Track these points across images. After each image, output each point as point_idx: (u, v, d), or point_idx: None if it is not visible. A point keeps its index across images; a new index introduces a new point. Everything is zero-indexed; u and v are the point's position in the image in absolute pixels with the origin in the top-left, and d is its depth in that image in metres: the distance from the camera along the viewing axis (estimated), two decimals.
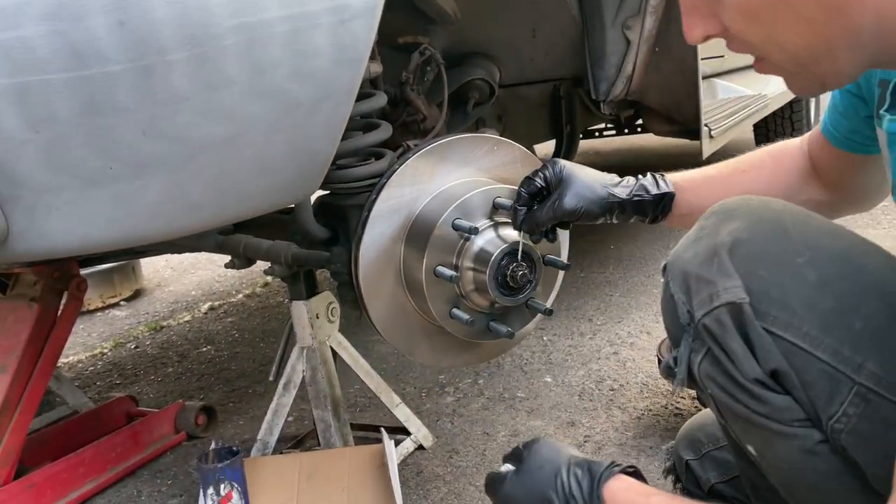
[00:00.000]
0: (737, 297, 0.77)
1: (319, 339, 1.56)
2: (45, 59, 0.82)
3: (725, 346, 0.78)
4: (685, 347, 0.83)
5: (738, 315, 0.77)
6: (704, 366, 0.81)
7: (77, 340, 3.01)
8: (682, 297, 0.83)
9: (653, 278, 2.83)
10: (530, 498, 0.90)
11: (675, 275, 0.84)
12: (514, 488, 0.92)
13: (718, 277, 0.79)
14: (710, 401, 0.84)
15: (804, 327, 0.76)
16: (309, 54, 0.98)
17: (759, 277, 0.78)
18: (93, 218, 0.92)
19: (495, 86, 2.08)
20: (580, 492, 0.87)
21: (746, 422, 0.80)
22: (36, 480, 1.58)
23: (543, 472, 0.90)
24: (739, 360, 0.78)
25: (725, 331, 0.78)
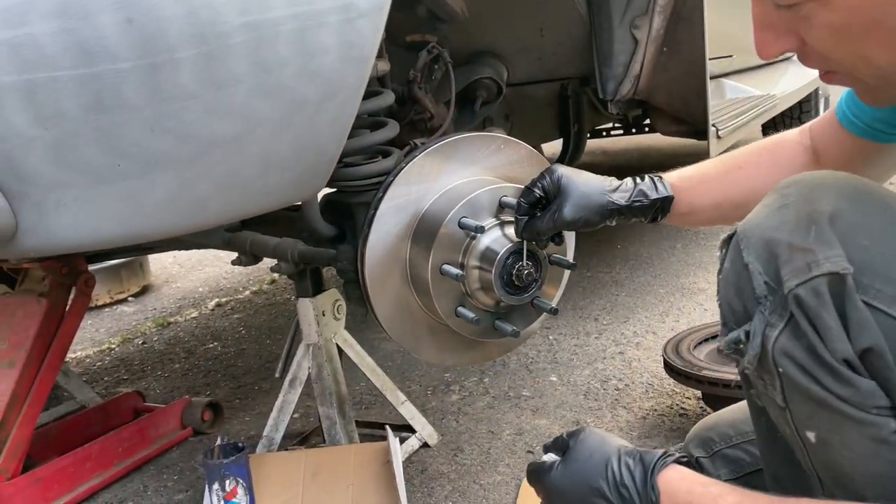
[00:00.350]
0: (840, 267, 0.72)
1: (325, 337, 1.56)
2: (53, 56, 0.83)
3: (817, 321, 0.73)
4: (759, 321, 0.77)
5: (839, 287, 0.72)
6: (782, 341, 0.75)
7: (85, 336, 3.02)
8: (761, 268, 0.77)
9: (659, 278, 2.83)
10: (579, 488, 0.88)
11: (753, 243, 0.78)
12: (561, 478, 0.90)
13: (818, 246, 0.73)
14: (777, 381, 0.78)
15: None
16: (316, 53, 0.98)
17: (861, 248, 0.73)
18: (101, 214, 0.93)
19: (503, 85, 2.08)
20: (633, 481, 0.84)
21: (819, 405, 0.75)
22: (43, 474, 1.59)
23: (592, 461, 0.88)
24: (832, 336, 0.72)
25: (822, 303, 0.72)
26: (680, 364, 1.69)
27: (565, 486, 0.89)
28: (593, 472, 0.87)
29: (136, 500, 1.67)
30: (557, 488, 0.90)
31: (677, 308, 2.50)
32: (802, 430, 0.79)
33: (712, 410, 1.69)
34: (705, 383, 1.62)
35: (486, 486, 1.54)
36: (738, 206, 1.14)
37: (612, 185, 1.12)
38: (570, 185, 1.10)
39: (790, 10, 0.72)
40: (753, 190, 1.12)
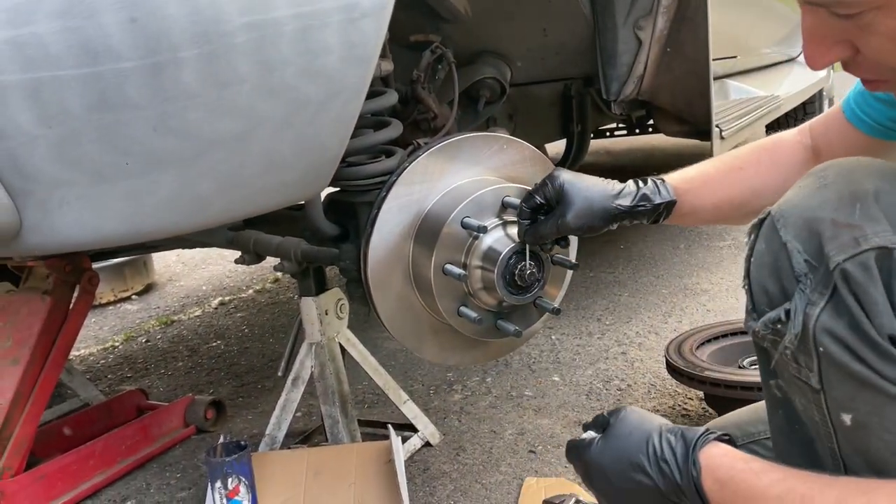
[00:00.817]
0: (889, 241, 0.71)
1: (328, 336, 1.57)
2: (57, 55, 0.83)
3: (864, 296, 0.72)
4: (801, 300, 0.76)
5: (888, 261, 0.71)
6: (824, 318, 0.74)
7: (89, 334, 3.03)
8: (800, 246, 0.76)
9: (662, 279, 2.83)
10: (619, 463, 0.88)
11: (792, 222, 0.78)
12: (601, 454, 0.90)
13: (865, 222, 0.73)
14: (815, 362, 0.77)
15: None
16: (319, 52, 0.99)
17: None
18: (104, 212, 0.93)
19: (506, 85, 2.08)
20: (674, 457, 0.84)
21: (861, 384, 0.74)
22: (47, 472, 1.60)
23: (633, 437, 0.88)
24: (879, 311, 0.71)
25: (870, 277, 0.71)
26: (682, 365, 1.69)
27: (605, 461, 0.89)
28: (634, 447, 0.87)
29: (138, 497, 1.68)
30: (598, 463, 0.90)
31: (680, 308, 2.50)
32: (837, 414, 0.77)
33: (714, 411, 1.69)
34: (707, 384, 1.62)
35: (487, 486, 1.54)
36: (738, 207, 1.15)
37: (614, 190, 1.11)
38: (572, 192, 1.10)
39: (849, 20, 0.71)
40: (753, 190, 1.13)
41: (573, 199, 1.09)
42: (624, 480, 0.87)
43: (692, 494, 0.82)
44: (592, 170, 1.20)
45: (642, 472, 0.85)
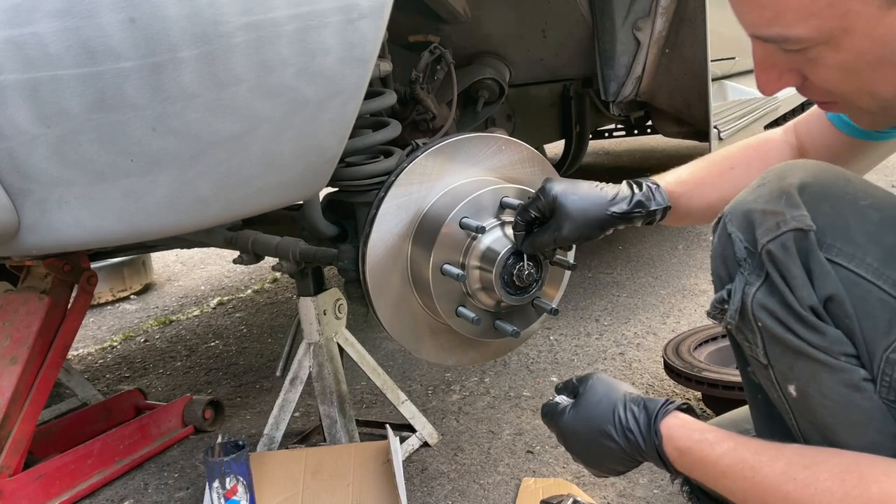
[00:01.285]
0: (804, 224, 0.80)
1: (326, 336, 1.57)
2: (56, 55, 0.84)
3: (786, 272, 0.80)
4: (740, 281, 0.85)
5: (803, 242, 0.80)
6: (759, 296, 0.83)
7: (87, 333, 3.03)
8: (741, 235, 0.85)
9: (660, 279, 2.83)
10: (589, 431, 0.96)
11: (735, 216, 0.87)
12: (573, 421, 0.99)
13: (786, 209, 0.82)
14: (758, 337, 0.85)
15: (867, 259, 0.79)
16: (317, 53, 0.99)
17: (824, 213, 0.81)
18: (102, 212, 0.93)
19: (505, 85, 2.08)
20: (637, 426, 0.92)
21: (795, 354, 0.81)
22: (45, 471, 1.60)
23: (600, 407, 0.96)
24: (798, 285, 0.79)
25: (789, 255, 0.80)
26: (680, 365, 1.69)
27: (577, 428, 0.98)
28: (602, 416, 0.95)
29: (136, 497, 1.68)
30: (570, 429, 0.99)
31: (678, 309, 2.50)
32: (785, 386, 0.85)
33: (712, 412, 1.70)
34: (705, 385, 1.62)
35: (485, 486, 1.55)
36: None
37: (609, 197, 1.12)
38: (567, 203, 1.10)
39: (797, 53, 0.75)
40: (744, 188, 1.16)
41: (568, 211, 1.10)
42: (594, 445, 0.96)
43: (655, 459, 0.91)
44: (591, 170, 1.20)
45: (610, 440, 0.94)
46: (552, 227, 1.12)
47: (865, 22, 0.68)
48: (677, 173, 1.18)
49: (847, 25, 0.69)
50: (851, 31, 0.70)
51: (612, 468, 0.99)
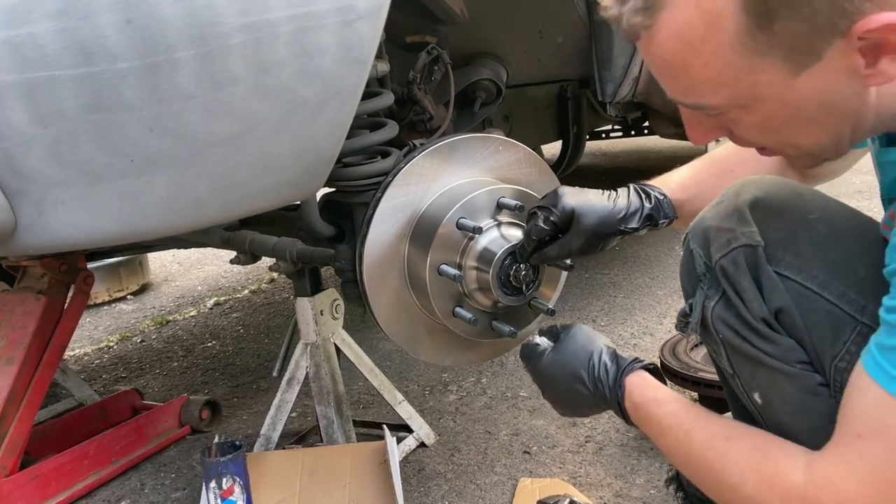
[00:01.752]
0: (753, 240, 0.86)
1: (323, 336, 1.57)
2: (53, 55, 0.84)
3: (737, 286, 0.86)
4: (700, 295, 0.91)
5: (753, 257, 0.85)
6: (717, 309, 0.88)
7: (83, 334, 3.03)
8: (700, 251, 0.91)
9: (657, 280, 2.84)
10: (564, 375, 1.04)
11: (696, 233, 0.93)
12: (551, 364, 1.06)
13: (738, 225, 0.87)
14: (721, 348, 0.90)
15: (814, 271, 0.84)
16: (314, 54, 0.99)
17: (774, 228, 0.86)
18: (99, 213, 0.93)
19: (502, 86, 2.08)
20: (606, 377, 1.00)
21: (754, 363, 0.87)
22: (41, 471, 1.60)
23: (578, 355, 1.04)
24: (749, 298, 0.85)
25: (739, 270, 0.86)
26: (677, 366, 1.69)
27: (554, 370, 1.06)
28: (578, 363, 1.03)
29: (133, 497, 1.67)
30: (547, 371, 1.07)
31: (675, 309, 2.50)
32: (751, 394, 0.90)
33: None
34: (702, 385, 1.62)
35: (482, 486, 1.55)
36: None
37: (620, 211, 1.12)
38: (584, 219, 1.10)
39: (717, 115, 0.80)
40: None
41: (584, 226, 1.10)
42: (567, 388, 1.04)
43: (616, 410, 1.00)
44: (589, 171, 1.21)
45: (582, 385, 1.02)
46: (566, 241, 1.12)
47: (774, 89, 0.72)
48: (680, 177, 1.20)
49: (757, 93, 0.73)
50: (762, 98, 0.74)
51: (578, 411, 1.08)
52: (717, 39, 0.70)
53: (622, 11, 0.73)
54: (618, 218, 1.12)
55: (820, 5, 0.65)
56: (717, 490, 0.86)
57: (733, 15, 0.68)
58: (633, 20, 0.72)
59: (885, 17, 0.64)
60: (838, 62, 0.69)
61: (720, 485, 0.85)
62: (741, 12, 0.67)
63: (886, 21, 0.64)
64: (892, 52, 0.67)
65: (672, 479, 1.25)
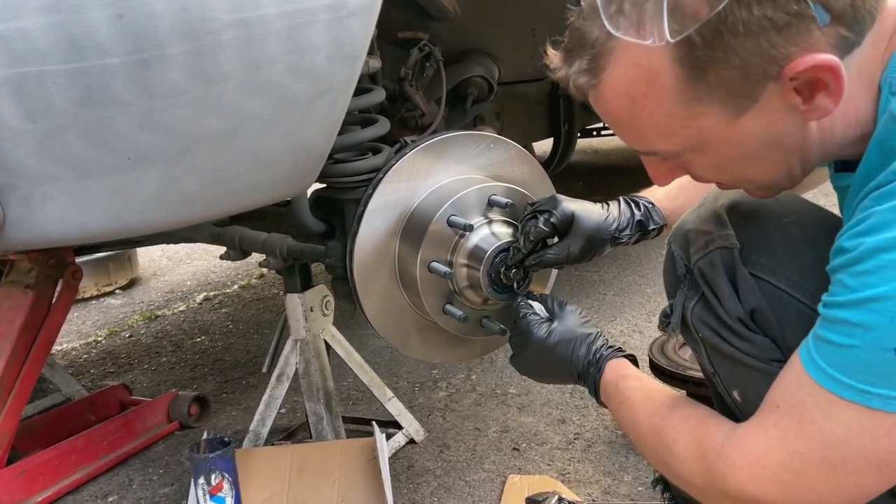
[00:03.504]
0: (729, 243, 0.89)
1: (313, 332, 1.56)
2: (43, 50, 0.83)
3: (714, 286, 0.89)
4: (680, 296, 0.94)
5: (729, 259, 0.89)
6: (696, 310, 0.92)
7: (71, 328, 3.01)
8: (681, 253, 0.95)
9: (646, 278, 2.85)
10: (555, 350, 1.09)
11: (677, 236, 0.96)
12: (546, 337, 1.10)
13: (715, 229, 0.91)
14: (701, 347, 0.94)
15: (787, 273, 0.87)
16: (306, 50, 0.99)
17: (750, 231, 0.90)
18: (89, 208, 0.93)
19: (494, 83, 2.08)
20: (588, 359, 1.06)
21: (732, 362, 0.90)
22: (28, 467, 1.59)
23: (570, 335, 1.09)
24: (725, 298, 0.88)
25: (716, 271, 0.89)
26: (665, 364, 1.70)
27: (547, 343, 1.10)
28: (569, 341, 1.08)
29: (121, 493, 1.67)
30: (543, 342, 1.10)
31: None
32: (731, 391, 0.93)
33: None
34: (690, 383, 1.63)
35: (471, 483, 1.55)
36: None
37: (612, 218, 1.16)
38: (583, 224, 1.14)
39: (672, 159, 0.84)
40: None
41: (583, 231, 1.14)
42: (553, 360, 1.09)
43: (590, 386, 1.05)
44: (579, 168, 1.21)
45: (568, 360, 1.07)
46: (563, 245, 1.14)
47: (719, 132, 0.77)
48: (667, 189, 1.22)
49: (704, 137, 0.78)
50: (709, 141, 0.78)
51: (553, 380, 1.16)
52: (657, 94, 0.75)
53: (569, 74, 0.79)
54: (612, 226, 1.16)
55: (748, 56, 0.69)
56: (656, 454, 0.91)
57: (669, 69, 0.72)
58: (579, 81, 0.78)
59: (811, 60, 0.69)
60: (776, 102, 0.73)
61: (658, 446, 0.90)
62: (676, 66, 0.72)
63: (813, 63, 0.69)
64: (824, 89, 0.71)
65: (658, 480, 1.26)
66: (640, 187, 1.24)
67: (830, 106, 0.72)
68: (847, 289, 0.71)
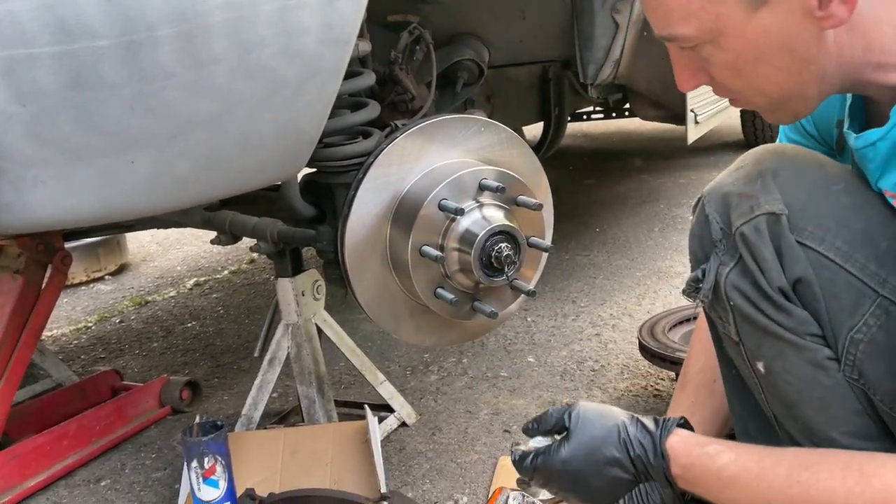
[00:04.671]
0: (777, 208, 0.84)
1: (305, 317, 1.57)
2: (32, 32, 0.82)
3: (757, 254, 0.84)
4: (714, 261, 0.89)
5: (775, 225, 0.84)
6: (732, 276, 0.87)
7: (61, 314, 3.00)
8: (718, 217, 0.90)
9: (636, 262, 2.86)
10: (594, 462, 0.90)
11: (713, 198, 0.91)
12: (572, 455, 0.91)
13: (761, 193, 0.86)
14: (730, 315, 0.89)
15: (836, 242, 0.83)
16: (296, 33, 0.98)
17: (798, 197, 0.85)
18: (79, 192, 0.92)
19: (484, 67, 2.07)
20: (644, 451, 0.88)
21: (764, 333, 0.86)
22: (20, 452, 1.59)
23: (603, 437, 0.90)
24: (769, 267, 0.84)
25: (761, 238, 0.84)
26: (655, 346, 1.71)
27: (578, 461, 0.91)
28: (607, 446, 0.90)
29: (113, 477, 1.67)
30: (569, 464, 0.91)
31: (653, 291, 2.53)
32: (754, 363, 0.90)
33: None
34: (679, 365, 1.64)
35: (463, 465, 1.57)
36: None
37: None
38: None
39: (693, 51, 0.83)
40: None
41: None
42: (599, 476, 0.90)
43: (663, 482, 0.88)
44: (570, 153, 1.21)
45: (619, 467, 0.89)
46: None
47: (735, 25, 0.77)
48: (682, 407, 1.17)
49: (721, 27, 0.77)
50: (726, 33, 0.78)
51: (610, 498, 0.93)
52: None
53: None
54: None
55: None
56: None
57: None
58: None
59: None
60: (793, 1, 0.74)
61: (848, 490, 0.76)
62: None
63: None
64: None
65: None
66: (631, 172, 1.24)
67: (845, 14, 0.72)
68: None
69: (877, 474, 0.74)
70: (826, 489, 0.76)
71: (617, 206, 3.68)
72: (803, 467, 0.79)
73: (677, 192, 3.85)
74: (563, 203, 3.81)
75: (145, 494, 1.60)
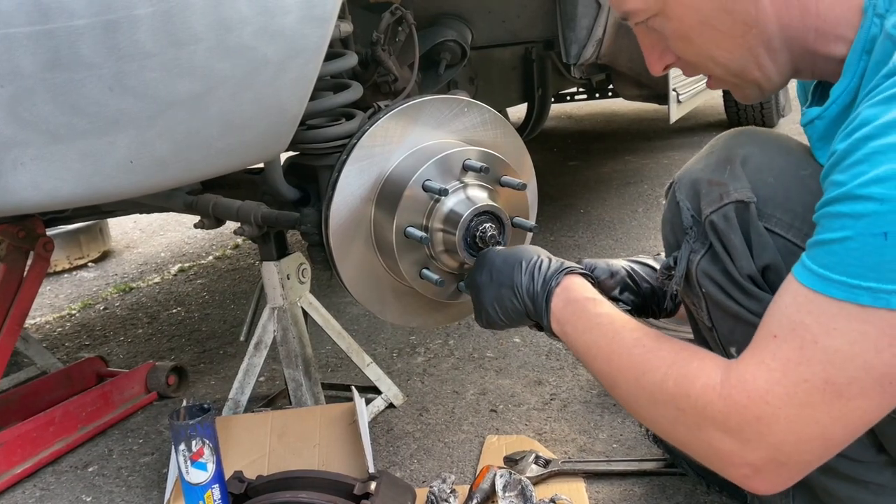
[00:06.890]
0: (745, 196, 0.86)
1: (290, 300, 1.57)
2: (8, 12, 0.81)
3: (727, 241, 0.86)
4: (685, 249, 0.91)
5: (744, 213, 0.86)
6: (703, 264, 0.89)
7: (44, 302, 2.98)
8: (688, 203, 0.91)
9: (621, 242, 2.88)
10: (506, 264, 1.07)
11: (683, 184, 0.93)
12: (495, 255, 1.11)
13: (730, 180, 0.88)
14: (702, 302, 0.91)
15: (805, 229, 0.83)
16: (277, 12, 0.97)
17: (766, 184, 0.87)
18: (60, 173, 0.92)
19: (467, 47, 2.07)
20: (547, 268, 1.03)
21: (735, 319, 0.88)
22: (6, 439, 1.58)
23: (524, 250, 1.08)
24: (738, 254, 0.86)
25: (730, 226, 0.86)
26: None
27: (497, 261, 1.10)
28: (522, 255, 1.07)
29: (101, 463, 1.67)
30: (492, 259, 1.11)
31: None
32: (727, 347, 0.92)
33: None
34: None
35: (450, 444, 1.58)
36: None
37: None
38: None
39: (646, 27, 0.85)
40: None
41: None
42: (504, 277, 1.06)
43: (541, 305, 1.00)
44: (554, 134, 1.22)
45: (519, 272, 1.04)
46: None
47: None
48: None
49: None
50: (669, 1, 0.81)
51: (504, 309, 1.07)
52: None
53: None
54: None
55: None
56: (637, 385, 0.86)
57: None
58: None
59: None
60: None
61: (642, 380, 0.85)
62: None
63: None
64: None
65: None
66: (615, 153, 1.26)
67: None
68: (838, 185, 0.70)
69: (701, 359, 0.81)
70: (658, 357, 0.84)
71: (601, 187, 3.69)
72: (654, 337, 0.87)
73: (661, 172, 3.86)
74: (548, 185, 3.83)
75: (133, 479, 1.60)
